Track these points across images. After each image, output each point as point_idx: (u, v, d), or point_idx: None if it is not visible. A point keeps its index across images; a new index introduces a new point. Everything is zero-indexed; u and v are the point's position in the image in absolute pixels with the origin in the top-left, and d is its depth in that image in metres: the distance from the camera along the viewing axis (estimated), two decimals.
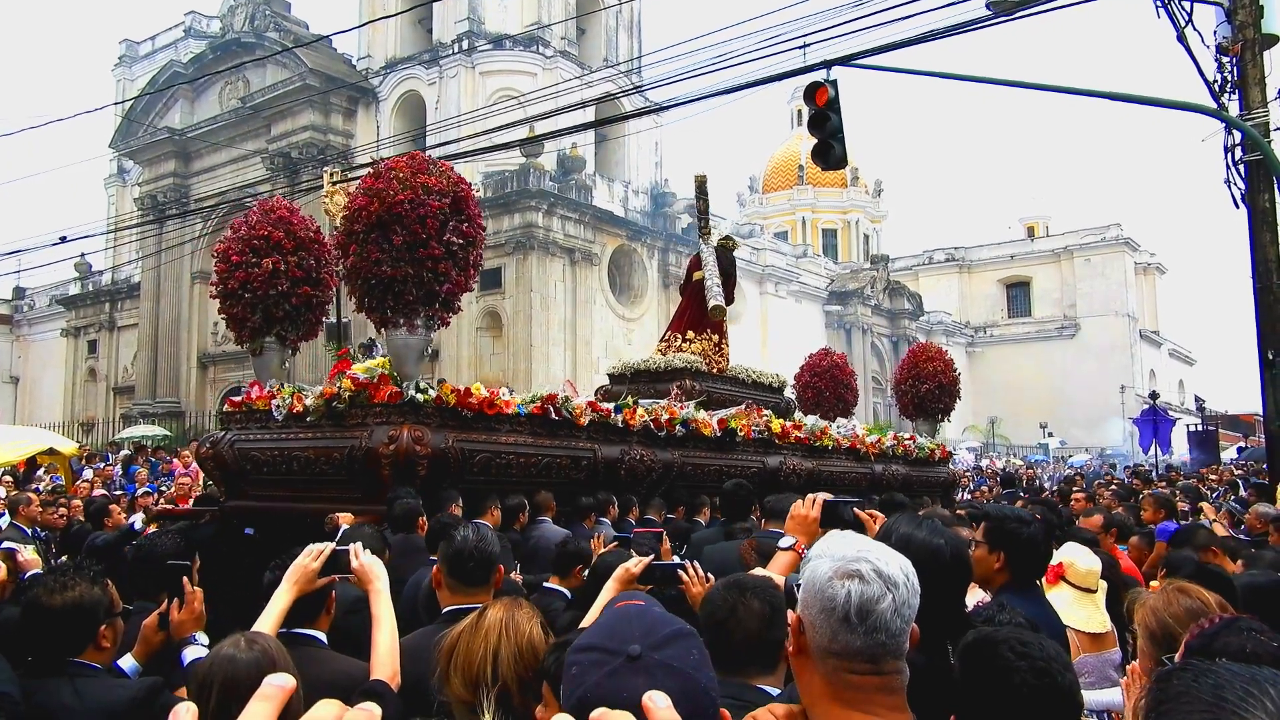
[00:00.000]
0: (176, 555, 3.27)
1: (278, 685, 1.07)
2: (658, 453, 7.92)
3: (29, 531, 7.27)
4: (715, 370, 10.40)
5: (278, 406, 6.67)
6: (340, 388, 6.34)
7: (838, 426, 11.06)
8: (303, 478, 6.46)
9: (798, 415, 11.16)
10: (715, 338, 10.80)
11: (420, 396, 6.15)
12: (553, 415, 7.04)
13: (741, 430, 8.99)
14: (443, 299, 6.23)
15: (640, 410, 7.96)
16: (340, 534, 4.48)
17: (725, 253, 11.22)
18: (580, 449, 7.25)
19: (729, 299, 10.89)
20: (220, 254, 7.39)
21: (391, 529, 4.97)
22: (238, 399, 7.24)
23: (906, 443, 11.99)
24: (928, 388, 12.87)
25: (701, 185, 11.80)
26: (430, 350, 14.32)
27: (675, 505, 7.55)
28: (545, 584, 4.39)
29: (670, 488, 7.90)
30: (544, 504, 6.41)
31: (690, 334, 10.73)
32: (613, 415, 7.60)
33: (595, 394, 9.46)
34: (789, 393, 12.23)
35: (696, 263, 11.32)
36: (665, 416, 8.14)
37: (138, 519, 7.26)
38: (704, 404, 9.07)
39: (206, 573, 3.35)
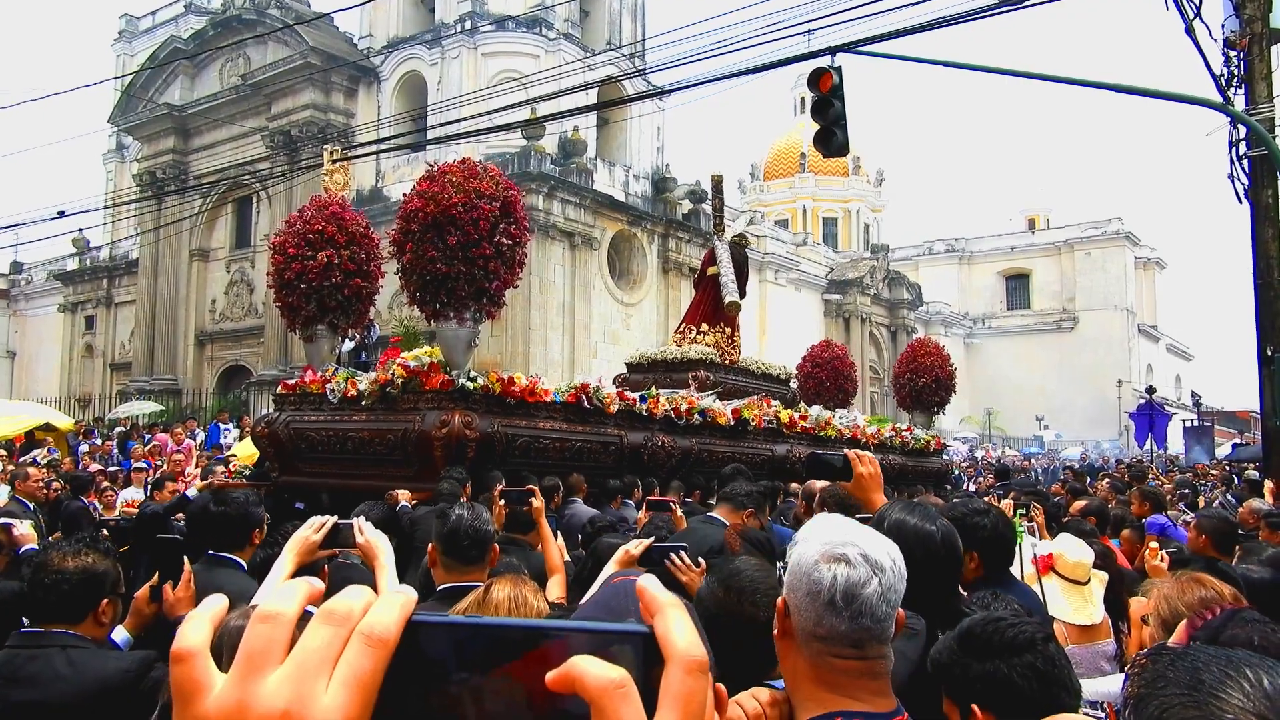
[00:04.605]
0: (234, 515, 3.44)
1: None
2: (677, 440, 8.41)
3: (30, 506, 7.28)
4: (728, 362, 10.85)
5: (332, 390, 7.16)
6: (393, 374, 6.81)
7: (840, 417, 11.36)
8: (355, 456, 6.94)
9: (802, 406, 11.48)
10: (728, 331, 11.26)
11: (469, 384, 6.65)
12: (585, 403, 7.57)
13: (753, 420, 9.40)
14: (490, 295, 6.75)
15: (663, 400, 8.43)
16: (356, 510, 4.52)
17: (739, 249, 11.69)
18: (609, 435, 7.76)
19: (741, 293, 11.30)
20: (277, 246, 7.83)
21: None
22: (291, 382, 7.77)
23: (904, 434, 12.25)
24: (925, 381, 13.24)
25: (718, 185, 12.30)
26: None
27: (692, 489, 7.78)
28: None
29: (688, 473, 8.24)
30: (576, 485, 6.76)
31: (704, 326, 11.16)
32: (638, 404, 8.11)
33: (614, 381, 9.78)
34: (791, 383, 12.60)
35: (711, 258, 11.71)
36: (685, 406, 8.60)
37: (191, 490, 7.35)
38: (719, 394, 9.42)
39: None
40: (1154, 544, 4.86)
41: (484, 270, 6.53)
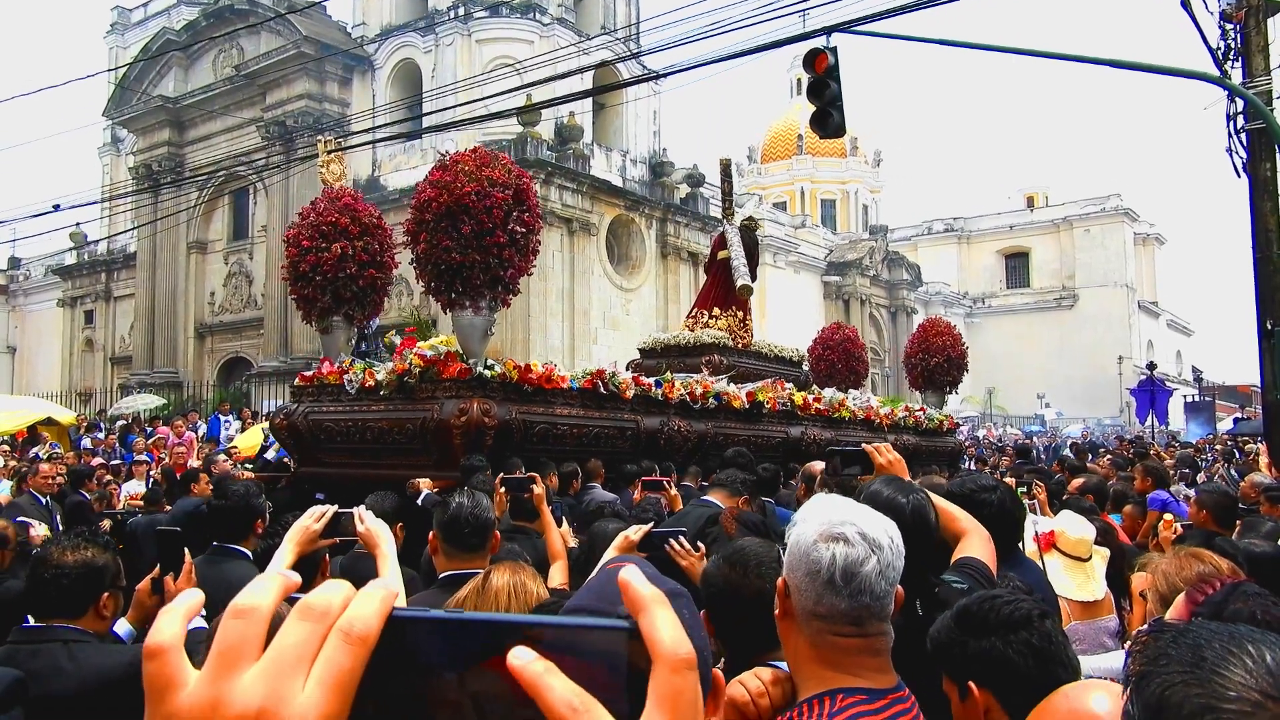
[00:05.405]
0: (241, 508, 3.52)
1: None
2: (693, 424, 8.48)
3: (44, 501, 7.30)
4: (741, 345, 10.89)
5: (350, 381, 7.19)
6: (410, 364, 6.83)
7: (853, 398, 11.41)
8: (374, 446, 7.00)
9: (814, 388, 11.55)
10: (740, 314, 11.30)
11: (487, 373, 6.69)
12: (601, 389, 7.63)
13: (768, 403, 9.48)
14: (505, 283, 6.77)
15: (678, 384, 8.46)
16: (366, 500, 4.56)
17: (748, 233, 11.76)
18: (625, 420, 7.84)
19: (753, 277, 11.36)
20: (291, 239, 7.89)
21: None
22: (309, 374, 7.82)
23: (917, 414, 12.35)
24: (937, 361, 13.34)
25: (725, 168, 12.33)
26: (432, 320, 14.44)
27: (709, 473, 7.79)
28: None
29: (704, 456, 8.27)
30: (594, 471, 6.83)
31: (716, 310, 11.19)
32: (653, 389, 8.16)
33: (627, 367, 9.84)
34: (804, 366, 12.70)
35: (721, 242, 11.75)
36: (699, 390, 8.64)
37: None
38: (732, 378, 9.48)
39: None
40: (1169, 516, 4.90)
41: (498, 258, 6.56)
